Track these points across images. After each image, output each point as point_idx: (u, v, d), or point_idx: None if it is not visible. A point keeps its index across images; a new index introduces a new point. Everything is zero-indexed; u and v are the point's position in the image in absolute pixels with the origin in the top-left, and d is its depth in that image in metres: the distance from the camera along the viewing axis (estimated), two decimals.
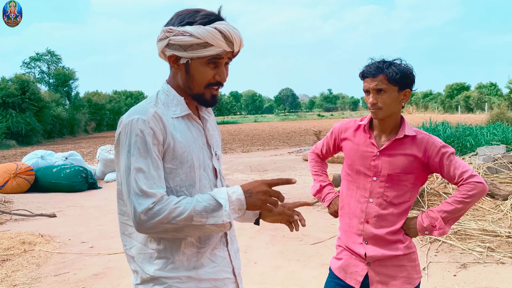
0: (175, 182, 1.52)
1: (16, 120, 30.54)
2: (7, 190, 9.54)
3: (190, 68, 1.53)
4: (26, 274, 4.48)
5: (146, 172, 1.42)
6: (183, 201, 1.43)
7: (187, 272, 1.52)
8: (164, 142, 1.48)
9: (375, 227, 2.06)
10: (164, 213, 1.39)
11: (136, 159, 1.43)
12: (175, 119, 1.54)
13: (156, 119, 1.47)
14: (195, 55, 1.50)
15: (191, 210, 1.41)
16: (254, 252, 5.08)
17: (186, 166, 1.52)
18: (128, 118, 1.47)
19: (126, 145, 1.45)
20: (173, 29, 1.49)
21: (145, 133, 1.44)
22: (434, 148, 1.98)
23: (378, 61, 2.01)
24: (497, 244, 4.82)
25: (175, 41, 1.49)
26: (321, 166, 2.46)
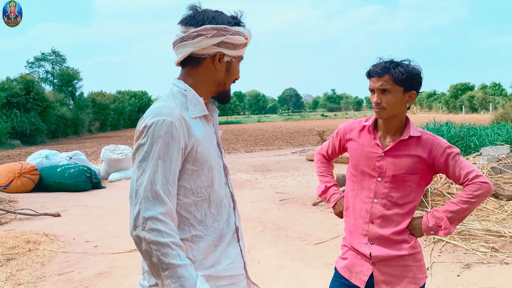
0: (196, 184, 1.52)
1: (21, 120, 30.65)
2: (12, 189, 9.58)
3: (231, 66, 1.62)
4: (30, 273, 4.50)
5: (162, 178, 1.41)
6: (180, 251, 1.40)
7: (206, 271, 1.53)
8: (187, 145, 1.48)
9: (380, 228, 2.06)
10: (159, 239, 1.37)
11: (156, 161, 1.41)
12: (194, 119, 1.54)
13: (181, 121, 1.46)
14: (238, 54, 1.61)
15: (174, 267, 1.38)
16: (257, 252, 5.08)
17: (206, 167, 1.54)
18: (153, 119, 1.44)
19: (147, 146, 1.43)
20: (229, 29, 1.54)
21: (170, 135, 1.42)
22: (439, 149, 1.98)
23: (385, 61, 2.00)
24: (501, 245, 4.81)
25: (230, 40, 1.55)
26: (326, 167, 2.47)
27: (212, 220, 1.57)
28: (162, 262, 1.37)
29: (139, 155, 1.44)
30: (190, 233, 1.53)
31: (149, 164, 1.42)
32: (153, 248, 1.37)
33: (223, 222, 1.61)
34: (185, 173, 1.51)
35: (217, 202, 1.59)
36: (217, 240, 1.58)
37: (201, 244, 1.54)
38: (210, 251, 1.56)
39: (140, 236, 1.38)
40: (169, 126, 1.43)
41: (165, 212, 1.40)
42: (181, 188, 1.51)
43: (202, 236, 1.55)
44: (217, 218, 1.59)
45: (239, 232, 1.69)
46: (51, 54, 42.68)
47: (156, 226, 1.37)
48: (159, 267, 1.38)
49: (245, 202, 7.90)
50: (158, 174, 1.41)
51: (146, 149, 1.43)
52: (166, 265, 1.37)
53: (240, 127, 47.26)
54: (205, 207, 1.56)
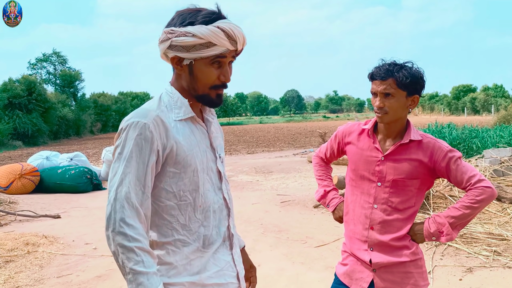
0: (178, 187, 1.49)
1: (23, 121, 30.70)
2: (12, 191, 9.57)
3: (193, 69, 1.51)
4: (29, 276, 4.47)
5: (134, 179, 1.41)
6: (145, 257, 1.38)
7: (190, 278, 1.50)
8: (165, 147, 1.46)
9: (380, 234, 2.01)
10: (125, 243, 1.36)
11: (128, 163, 1.41)
12: (178, 122, 1.51)
13: (157, 122, 1.44)
14: (198, 56, 1.47)
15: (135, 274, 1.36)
16: (258, 254, 5.04)
17: (189, 170, 1.50)
18: (128, 121, 1.45)
19: (120, 148, 1.43)
20: (175, 30, 1.46)
21: (143, 137, 1.42)
22: (441, 153, 1.93)
23: (388, 63, 1.94)
24: (503, 248, 4.76)
25: (177, 42, 1.46)
26: (325, 170, 2.42)
27: (197, 225, 1.53)
28: (125, 266, 1.37)
29: (114, 156, 1.45)
30: (173, 237, 1.50)
31: (121, 166, 1.42)
32: (119, 251, 1.37)
33: (211, 228, 1.56)
34: (166, 175, 1.48)
35: (205, 207, 1.55)
36: (203, 246, 1.54)
37: (185, 249, 1.51)
38: (196, 257, 1.52)
39: (109, 237, 1.38)
40: (142, 128, 1.42)
41: (134, 215, 1.39)
42: (162, 190, 1.49)
43: (186, 241, 1.51)
44: (204, 224, 1.55)
45: (233, 240, 1.64)
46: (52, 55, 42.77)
47: (123, 229, 1.37)
48: (123, 271, 1.38)
49: (246, 204, 7.87)
50: (129, 176, 1.40)
51: (119, 150, 1.43)
52: (128, 270, 1.36)
53: (241, 128, 47.24)
54: (189, 211, 1.52)
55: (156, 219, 1.51)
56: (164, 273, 1.48)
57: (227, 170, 12.68)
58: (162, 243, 1.50)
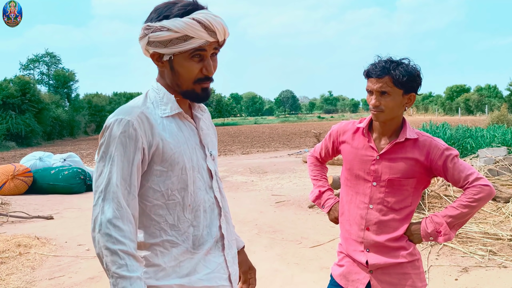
0: (166, 186, 1.44)
1: (16, 121, 30.53)
2: (5, 192, 9.48)
3: (174, 64, 1.45)
4: (20, 278, 4.41)
5: (120, 179, 1.36)
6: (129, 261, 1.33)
7: (179, 280, 1.45)
8: (151, 144, 1.41)
9: (376, 234, 1.97)
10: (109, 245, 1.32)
11: (113, 162, 1.37)
12: (165, 119, 1.46)
13: (141, 119, 1.40)
14: (177, 50, 1.42)
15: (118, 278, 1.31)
16: (253, 255, 5.00)
17: (177, 169, 1.45)
18: (111, 119, 1.41)
19: (104, 146, 1.39)
20: (151, 25, 1.41)
21: (127, 135, 1.37)
22: (437, 151, 1.89)
23: (384, 60, 1.89)
24: (499, 248, 4.75)
25: (154, 38, 1.41)
26: (320, 170, 2.37)
27: (187, 225, 1.48)
28: (109, 269, 1.33)
29: (98, 156, 1.40)
30: (161, 237, 1.45)
31: (106, 165, 1.37)
32: (103, 253, 1.33)
33: (201, 228, 1.51)
34: (153, 174, 1.44)
35: (194, 206, 1.49)
36: (193, 247, 1.49)
37: (174, 250, 1.46)
38: (185, 258, 1.47)
39: (95, 238, 1.34)
40: (126, 125, 1.38)
41: (119, 216, 1.34)
42: (149, 190, 1.45)
43: (175, 241, 1.46)
44: (194, 224, 1.49)
45: (225, 240, 1.58)
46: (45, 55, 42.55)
47: (108, 231, 1.33)
48: (107, 274, 1.34)
49: (240, 204, 7.83)
50: (115, 175, 1.36)
51: (104, 149, 1.39)
52: (112, 273, 1.33)
53: (236, 129, 47.20)
54: (178, 211, 1.47)
55: (144, 220, 1.46)
56: (152, 275, 1.43)
57: (222, 170, 12.64)
58: (150, 244, 1.45)
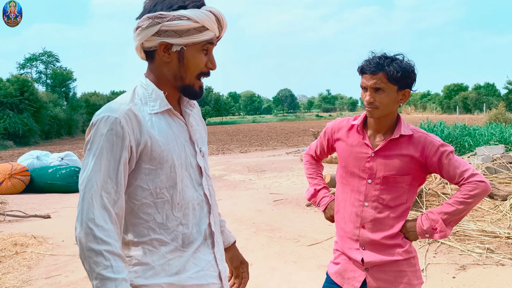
0: (154, 184, 1.42)
1: (14, 120, 30.45)
2: (2, 191, 9.47)
3: (184, 55, 1.44)
4: (16, 277, 4.39)
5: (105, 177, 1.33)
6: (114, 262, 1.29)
7: (168, 279, 1.43)
8: (138, 142, 1.38)
9: (371, 232, 1.95)
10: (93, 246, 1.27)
11: (98, 160, 1.33)
12: (154, 115, 1.43)
13: (129, 117, 1.37)
14: (191, 41, 1.41)
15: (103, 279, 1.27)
16: (250, 253, 4.99)
17: (166, 167, 1.43)
18: (98, 116, 1.37)
19: (89, 144, 1.36)
20: (166, 14, 1.37)
21: (114, 132, 1.34)
22: (432, 147, 1.88)
23: (378, 57, 1.87)
24: (496, 245, 4.75)
25: (169, 27, 1.38)
26: (315, 168, 2.35)
27: (176, 223, 1.46)
28: (93, 271, 1.28)
29: (85, 153, 1.38)
30: (150, 236, 1.43)
31: (90, 163, 1.34)
32: (86, 254, 1.28)
33: (190, 226, 1.49)
34: (141, 172, 1.41)
35: (183, 204, 1.47)
36: (182, 245, 1.46)
37: (163, 249, 1.43)
38: (174, 256, 1.45)
39: (77, 238, 1.30)
40: (113, 123, 1.34)
41: (104, 216, 1.31)
42: (138, 188, 1.42)
43: (163, 240, 1.44)
44: (183, 222, 1.47)
45: (214, 238, 1.56)
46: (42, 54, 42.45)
47: (92, 231, 1.28)
48: (90, 275, 1.29)
49: (238, 203, 7.82)
50: (100, 174, 1.33)
51: (89, 146, 1.36)
52: (96, 275, 1.28)
53: (235, 127, 47.18)
54: (167, 209, 1.44)
55: (132, 218, 1.43)
56: (141, 274, 1.41)
57: (220, 169, 12.64)
58: (138, 242, 1.43)
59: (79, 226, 1.30)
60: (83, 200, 1.31)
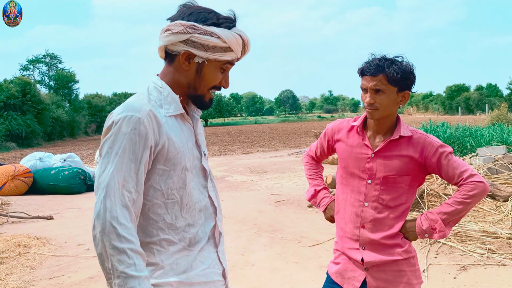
0: (167, 185, 1.45)
1: (17, 122, 30.53)
2: (5, 192, 9.49)
3: (202, 69, 1.48)
4: (20, 277, 4.42)
5: (126, 176, 1.34)
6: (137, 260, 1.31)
7: (177, 277, 1.45)
8: (157, 143, 1.40)
9: (371, 232, 1.98)
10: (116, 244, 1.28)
11: (120, 159, 1.34)
12: (168, 118, 1.46)
13: (150, 117, 1.38)
14: (213, 57, 1.45)
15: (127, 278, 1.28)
16: (252, 254, 5.01)
17: (178, 168, 1.45)
18: (120, 115, 1.37)
19: (111, 142, 1.36)
20: (199, 27, 1.42)
21: (137, 132, 1.35)
22: (431, 148, 1.90)
23: (378, 59, 1.90)
24: (498, 246, 4.75)
25: (198, 39, 1.42)
26: (316, 169, 2.38)
27: (184, 224, 1.49)
28: (116, 269, 1.28)
29: (103, 151, 1.37)
30: (159, 236, 1.45)
31: (111, 162, 1.34)
32: (109, 253, 1.29)
33: (197, 226, 1.52)
34: (155, 173, 1.43)
35: (191, 205, 1.50)
36: (189, 245, 1.49)
37: (171, 249, 1.46)
38: (181, 256, 1.48)
39: (97, 237, 1.30)
40: (137, 122, 1.35)
41: (126, 214, 1.32)
42: (150, 188, 1.44)
43: (172, 240, 1.46)
44: (190, 222, 1.50)
45: (218, 238, 1.60)
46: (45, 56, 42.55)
47: (116, 229, 1.29)
48: (112, 274, 1.29)
49: (240, 203, 7.84)
50: (121, 172, 1.34)
51: (110, 145, 1.36)
52: (119, 273, 1.28)
53: (236, 128, 47.22)
54: (176, 210, 1.47)
55: (141, 218, 1.45)
56: (150, 274, 1.43)
57: (222, 170, 12.66)
58: (147, 243, 1.45)
59: (100, 225, 1.30)
60: (105, 198, 1.31)
